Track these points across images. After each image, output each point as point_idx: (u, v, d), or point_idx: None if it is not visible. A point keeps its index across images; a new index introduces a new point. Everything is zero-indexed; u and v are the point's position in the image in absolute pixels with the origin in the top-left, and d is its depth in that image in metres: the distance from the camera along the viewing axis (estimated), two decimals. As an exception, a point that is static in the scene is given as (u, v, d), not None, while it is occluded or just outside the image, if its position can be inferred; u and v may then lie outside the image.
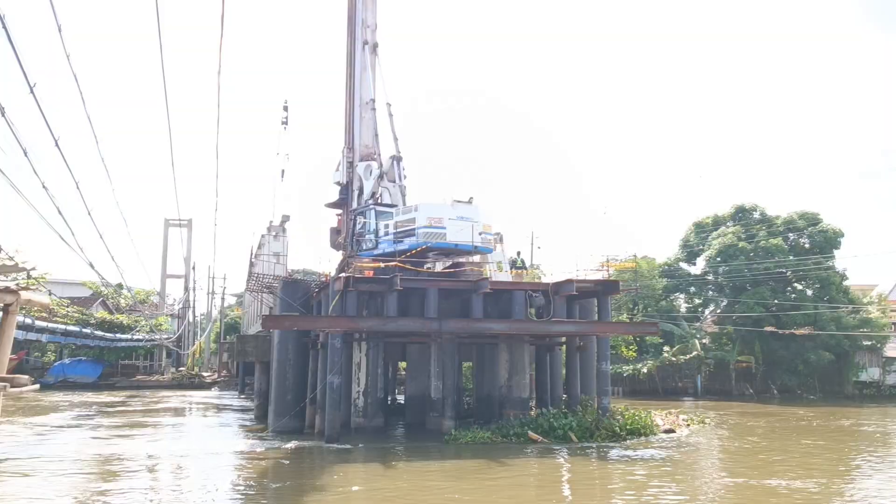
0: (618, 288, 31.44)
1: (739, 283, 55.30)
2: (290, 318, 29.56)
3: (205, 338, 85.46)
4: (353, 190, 33.75)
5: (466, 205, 30.16)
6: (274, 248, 40.37)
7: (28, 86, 9.74)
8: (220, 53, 14.59)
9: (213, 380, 68.61)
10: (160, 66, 14.73)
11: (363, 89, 34.54)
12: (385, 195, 32.25)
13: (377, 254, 29.94)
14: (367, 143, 34.13)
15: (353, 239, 31.68)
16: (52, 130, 11.19)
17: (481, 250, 30.41)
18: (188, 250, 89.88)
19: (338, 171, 34.70)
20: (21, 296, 9.02)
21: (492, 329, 28.44)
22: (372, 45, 34.87)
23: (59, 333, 52.70)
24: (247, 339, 40.47)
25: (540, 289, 30.48)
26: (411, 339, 30.11)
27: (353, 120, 34.61)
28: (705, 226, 61.30)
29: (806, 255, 54.64)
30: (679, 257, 62.60)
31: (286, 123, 39.25)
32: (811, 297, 54.39)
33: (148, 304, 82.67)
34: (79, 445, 25.88)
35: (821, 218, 56.19)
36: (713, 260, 57.17)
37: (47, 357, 69.46)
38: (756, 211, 59.59)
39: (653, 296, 61.27)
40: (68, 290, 69.01)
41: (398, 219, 29.89)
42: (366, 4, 35.11)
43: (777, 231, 55.96)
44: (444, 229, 28.72)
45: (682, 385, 55.25)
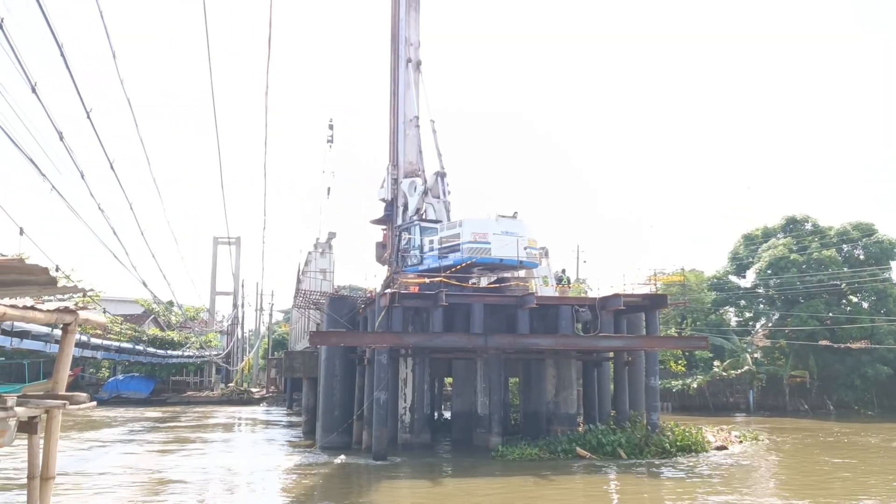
0: (666, 302, 31.01)
1: (791, 296, 54.08)
2: (337, 334, 29.77)
3: (253, 354, 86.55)
4: (397, 206, 33.95)
5: (511, 219, 30.07)
6: (321, 264, 40.77)
7: (84, 111, 10.04)
8: (268, 74, 14.88)
9: (261, 395, 69.34)
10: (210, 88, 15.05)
11: (407, 107, 34.78)
12: (430, 211, 32.36)
13: (422, 269, 30.03)
14: (411, 160, 34.33)
15: (398, 255, 31.84)
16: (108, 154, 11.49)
17: (527, 265, 30.29)
18: (236, 267, 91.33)
19: (383, 187, 34.96)
20: (79, 315, 9.24)
21: (538, 344, 28.26)
22: (415, 62, 35.13)
23: (113, 350, 53.85)
24: (294, 356, 40.85)
25: (586, 303, 30.20)
26: (457, 355, 30.08)
27: (397, 137, 34.87)
28: (755, 238, 60.16)
29: (861, 267, 53.21)
30: (728, 270, 61.48)
31: (332, 141, 39.68)
32: (867, 310, 52.91)
33: (198, 320, 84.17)
34: (131, 460, 26.37)
35: (875, 229, 54.71)
36: (763, 272, 55.98)
37: (102, 373, 71.08)
38: (808, 222, 58.31)
39: (701, 309, 60.26)
40: (121, 308, 70.62)
41: (443, 234, 29.96)
42: (409, 23, 35.42)
43: (830, 242, 54.63)
44: (488, 244, 28.69)
45: (733, 401, 54.08)
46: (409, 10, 35.56)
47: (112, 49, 11.75)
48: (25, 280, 7.39)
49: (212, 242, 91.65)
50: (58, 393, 9.17)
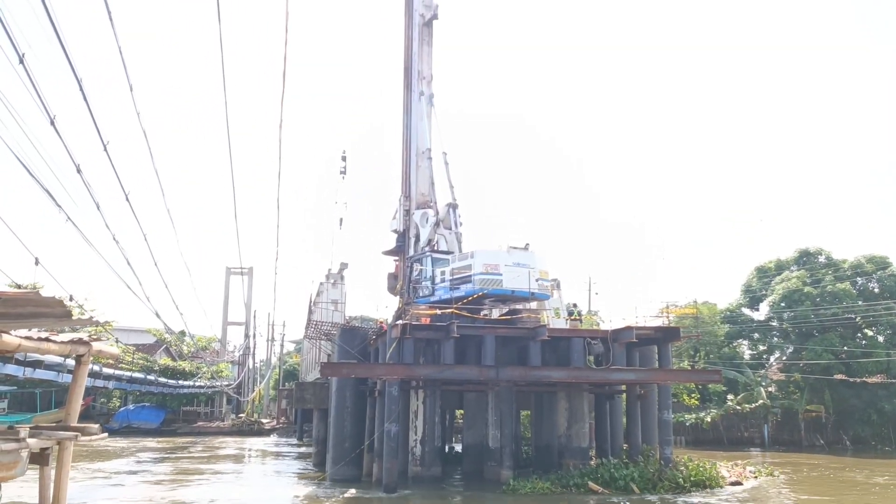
0: (678, 335, 30.84)
1: (806, 329, 53.62)
2: (348, 365, 29.72)
3: (264, 385, 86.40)
4: (409, 237, 34.08)
5: (523, 251, 30.11)
6: (332, 295, 40.84)
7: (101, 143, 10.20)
8: (282, 108, 15.07)
9: (272, 426, 69.10)
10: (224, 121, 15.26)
11: (419, 139, 35.07)
12: (441, 242, 32.45)
13: (434, 301, 30.04)
14: (423, 192, 34.53)
15: (409, 286, 31.88)
16: (123, 185, 11.64)
17: (538, 297, 30.25)
18: (248, 298, 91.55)
19: (395, 218, 35.14)
20: (93, 347, 9.31)
21: (550, 377, 28.10)
22: (428, 95, 35.47)
23: (125, 380, 53.88)
24: (305, 387, 40.79)
25: (599, 336, 30.07)
26: (468, 387, 29.94)
27: (409, 169, 35.12)
28: (768, 270, 59.83)
29: (876, 300, 52.75)
30: (741, 302, 61.08)
31: (344, 173, 39.98)
32: (883, 344, 52.32)
33: (209, 350, 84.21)
34: (139, 491, 26.28)
35: (890, 262, 54.31)
36: (777, 305, 55.58)
37: (113, 403, 71.05)
38: (821, 255, 57.98)
39: (715, 342, 59.81)
40: (133, 338, 70.83)
41: (454, 266, 30.01)
42: (421, 57, 35.84)
43: (844, 276, 54.24)
44: (500, 276, 28.70)
45: (747, 435, 53.42)
46: (423, 45, 36.01)
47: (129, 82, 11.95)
48: (41, 312, 7.46)
49: (224, 272, 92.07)
50: (70, 425, 9.20)
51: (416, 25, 36.23)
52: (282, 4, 22.89)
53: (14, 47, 9.51)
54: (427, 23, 36.37)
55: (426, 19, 36.32)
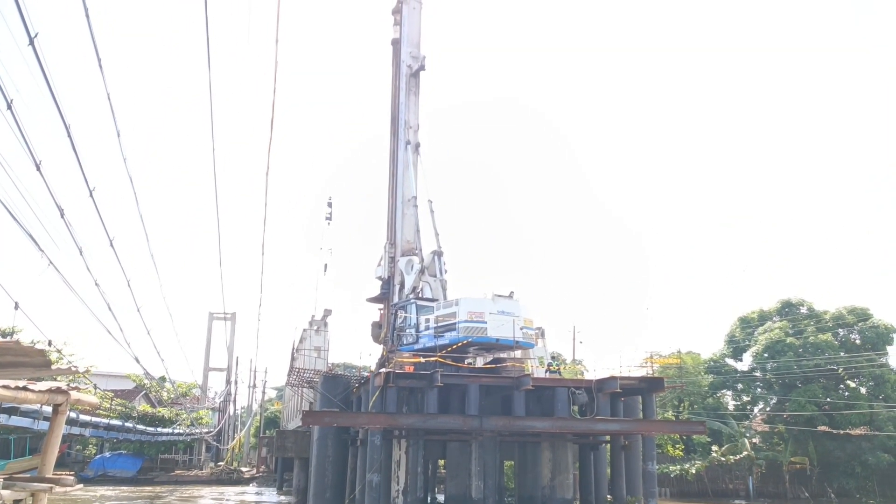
0: (662, 385, 30.80)
1: (789, 380, 53.68)
2: (330, 413, 29.39)
3: (245, 432, 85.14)
4: (394, 284, 34.07)
5: (507, 299, 30.13)
6: (315, 342, 40.62)
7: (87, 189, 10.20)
8: (269, 155, 15.17)
9: (251, 475, 67.84)
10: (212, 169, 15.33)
11: (405, 186, 35.30)
12: (426, 290, 32.44)
13: (418, 348, 29.90)
14: (408, 239, 34.63)
15: (394, 333, 31.74)
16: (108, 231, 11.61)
17: (523, 345, 30.19)
18: (231, 343, 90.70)
19: (380, 266, 35.17)
20: (71, 396, 9.18)
21: (534, 427, 27.89)
22: (414, 144, 35.82)
23: (102, 428, 52.92)
24: (286, 435, 40.25)
25: (583, 386, 29.96)
26: (452, 437, 29.66)
27: (395, 216, 35.27)
28: (751, 321, 60.13)
29: (857, 352, 52.98)
30: (725, 353, 61.20)
31: (330, 219, 40.09)
32: (865, 396, 52.42)
33: (189, 396, 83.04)
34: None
35: (871, 313, 54.74)
36: (760, 356, 55.72)
37: (89, 450, 69.60)
38: (803, 306, 58.39)
39: (699, 392, 59.68)
40: (113, 383, 69.73)
41: (439, 313, 29.95)
42: (408, 107, 36.28)
43: (826, 327, 54.57)
44: (485, 324, 28.66)
45: (732, 487, 52.98)
46: (409, 95, 36.49)
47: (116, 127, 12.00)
48: (21, 361, 7.37)
49: (207, 318, 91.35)
50: (45, 476, 9.02)
51: (403, 76, 36.77)
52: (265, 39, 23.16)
53: (2, 94, 9.55)
54: (414, 74, 36.91)
55: (413, 70, 36.87)
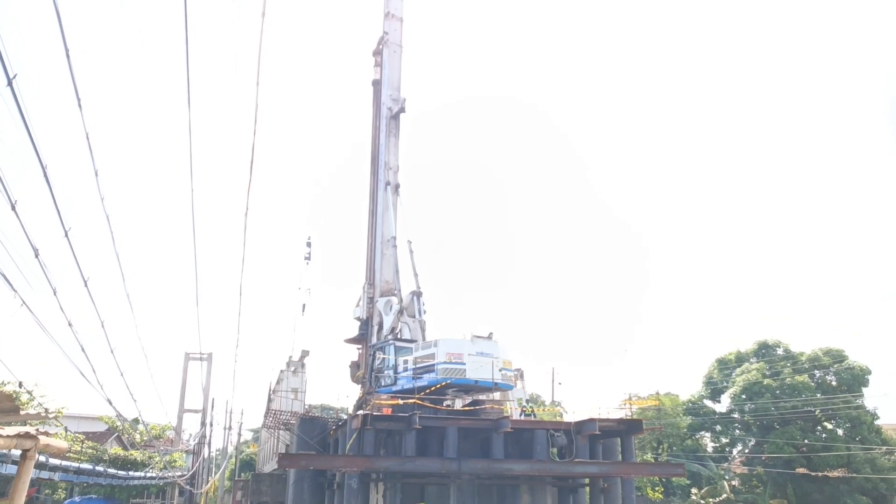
0: (641, 427, 30.71)
1: (767, 421, 53.78)
2: (307, 456, 28.98)
3: (219, 475, 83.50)
4: (372, 325, 33.93)
5: (486, 340, 30.06)
6: (292, 383, 40.17)
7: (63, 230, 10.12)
8: (248, 195, 15.16)
9: (225, 520, 66.41)
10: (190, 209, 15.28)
11: (385, 227, 35.38)
12: (405, 330, 32.32)
13: (396, 390, 29.67)
14: (387, 279, 34.59)
15: (372, 375, 31.50)
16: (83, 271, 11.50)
17: (501, 387, 30.06)
18: (207, 384, 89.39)
19: (358, 306, 35.04)
20: (40, 441, 8.99)
21: (513, 470, 27.64)
22: (394, 185, 36.01)
23: (72, 472, 51.74)
24: (262, 478, 39.59)
25: (562, 428, 29.81)
26: (430, 480, 29.28)
27: (374, 256, 35.28)
28: (728, 362, 60.39)
29: (834, 394, 53.29)
30: (703, 394, 61.31)
31: (309, 259, 39.96)
32: (842, 438, 52.57)
33: (163, 439, 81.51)
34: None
35: (846, 355, 55.18)
36: (738, 397, 55.88)
37: (58, 494, 67.85)
38: (779, 347, 58.78)
39: (678, 434, 59.59)
40: (84, 425, 68.28)
41: (417, 354, 29.81)
42: (388, 148, 36.54)
43: (802, 368, 54.92)
44: (463, 365, 28.54)
45: (712, 530, 52.72)
46: (389, 136, 36.78)
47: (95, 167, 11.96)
48: (-11, 404, 7.21)
49: (183, 358, 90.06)
50: (12, 522, 8.79)
51: (383, 118, 37.09)
52: (252, 94, 23.28)
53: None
54: (394, 116, 37.24)
55: (393, 113, 37.21)
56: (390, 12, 39.35)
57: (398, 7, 39.71)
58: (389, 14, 39.32)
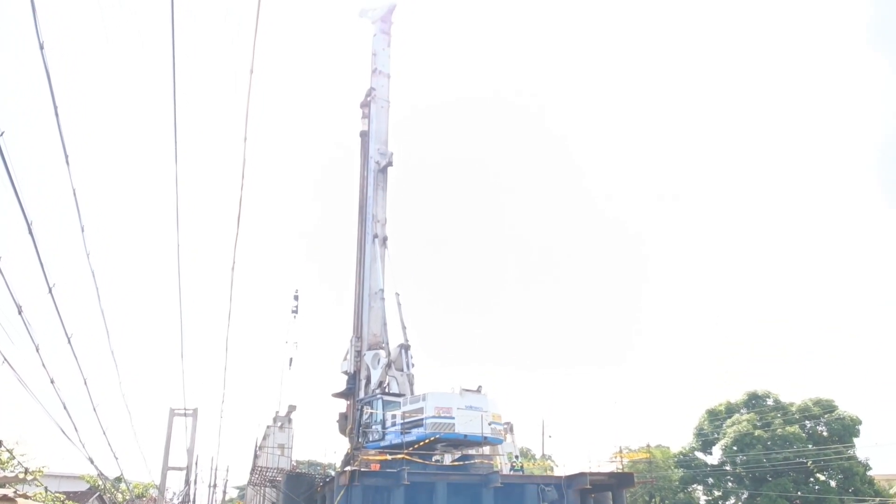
0: (633, 481, 30.35)
1: (759, 473, 53.27)
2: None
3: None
4: (360, 379, 33.60)
5: (475, 393, 29.78)
6: (279, 439, 39.57)
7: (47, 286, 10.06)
8: (235, 249, 15.14)
9: (208, 582, 64.68)
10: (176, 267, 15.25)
11: (373, 280, 35.33)
12: (393, 384, 32.04)
13: (384, 445, 29.25)
14: (375, 332, 34.40)
15: (359, 430, 31.09)
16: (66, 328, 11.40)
17: (491, 441, 29.70)
18: (192, 441, 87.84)
19: (345, 360, 34.75)
20: (18, 502, 8.78)
21: (503, 526, 27.16)
22: (381, 238, 36.08)
23: (52, 532, 50.42)
24: (246, 537, 38.66)
25: (552, 482, 29.41)
26: (419, 537, 28.70)
27: (361, 309, 35.14)
28: (718, 413, 60.07)
29: (825, 444, 52.96)
30: (694, 446, 60.77)
31: (296, 312, 39.73)
32: (835, 489, 52.08)
33: (146, 497, 79.76)
34: None
35: (836, 405, 55.03)
36: (729, 449, 55.43)
37: (37, 557, 66.02)
38: (769, 398, 58.59)
39: (669, 487, 58.88)
40: (66, 485, 66.66)
41: (406, 409, 29.48)
42: (376, 201, 36.73)
43: (793, 419, 54.67)
44: (452, 419, 28.21)
45: (707, 586, 51.77)
46: (377, 190, 37.00)
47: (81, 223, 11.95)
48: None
49: (167, 414, 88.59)
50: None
51: (371, 171, 37.35)
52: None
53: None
54: (382, 169, 37.52)
55: (381, 166, 37.50)
56: (378, 69, 40.00)
57: (385, 64, 40.39)
58: (377, 70, 39.96)
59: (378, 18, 41.15)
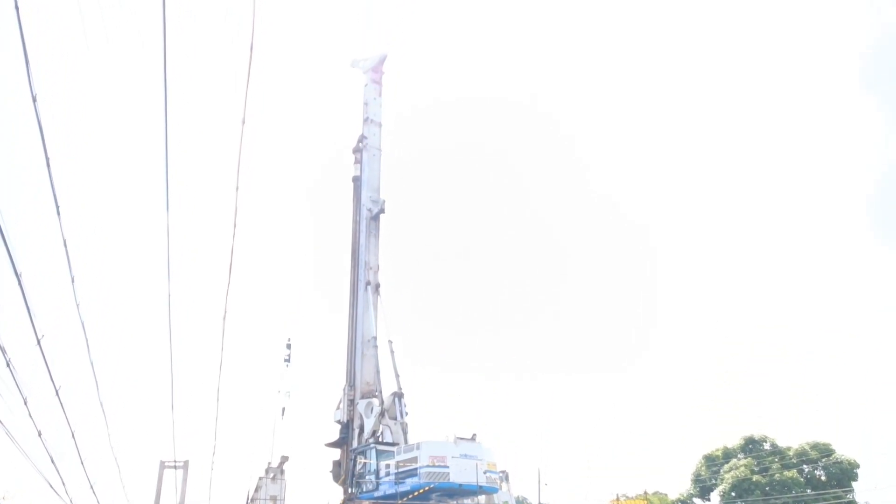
0: (631, 529, 29.91)
1: (758, 519, 52.63)
2: (285, 569, 27.79)
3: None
4: (353, 428, 33.18)
5: (470, 442, 29.44)
6: (271, 490, 38.83)
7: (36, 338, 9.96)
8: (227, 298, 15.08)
9: None
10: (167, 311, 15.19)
11: (365, 327, 35.12)
12: (386, 433, 31.63)
13: (378, 496, 28.81)
14: (368, 380, 34.09)
15: (353, 480, 30.63)
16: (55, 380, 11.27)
17: (487, 490, 29.29)
18: (182, 494, 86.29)
19: (338, 409, 34.35)
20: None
21: (500, 578, 26.63)
22: (374, 285, 35.98)
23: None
24: None
25: (549, 531, 28.97)
26: (414, 591, 28.12)
27: (354, 356, 34.86)
28: (715, 458, 59.54)
29: (823, 489, 52.43)
30: (692, 492, 60.12)
31: (289, 361, 39.35)
32: (836, 535, 51.44)
33: (134, 554, 77.95)
34: None
35: (833, 448, 54.68)
36: (728, 495, 54.83)
37: None
38: (766, 442, 58.19)
39: (669, 536, 58.05)
40: (52, 541, 65.37)
41: (399, 458, 29.09)
42: (368, 248, 36.72)
43: (790, 463, 54.19)
44: (447, 468, 27.84)
45: None
46: (370, 237, 37.03)
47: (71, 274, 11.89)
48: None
49: (158, 466, 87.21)
50: None
51: (363, 218, 37.38)
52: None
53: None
54: (374, 217, 37.57)
55: (373, 214, 37.57)
56: (369, 118, 40.26)
57: (377, 113, 40.69)
58: (369, 119, 40.21)
59: (369, 69, 41.58)
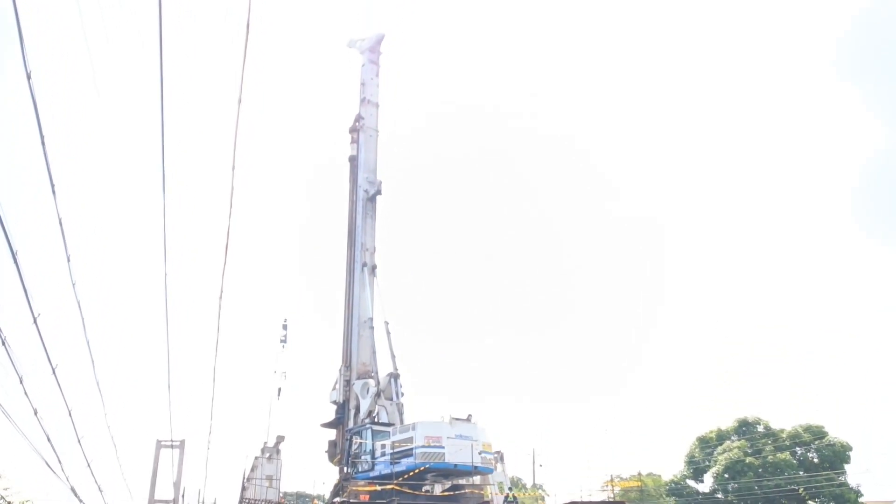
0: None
1: (751, 501, 53.02)
2: (281, 547, 28.00)
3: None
4: (349, 409, 33.34)
5: (465, 422, 29.59)
6: (267, 470, 39.02)
7: (32, 316, 9.97)
8: (223, 279, 15.09)
9: None
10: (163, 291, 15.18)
11: (362, 308, 35.17)
12: (382, 413, 31.77)
13: (373, 476, 28.96)
14: (364, 361, 34.20)
15: (348, 460, 30.79)
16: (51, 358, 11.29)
17: (482, 470, 29.46)
18: (179, 473, 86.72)
19: (334, 389, 34.47)
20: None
21: (494, 557, 26.87)
22: (371, 266, 35.98)
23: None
24: (234, 572, 37.99)
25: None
26: (409, 569, 28.34)
27: (351, 337, 34.94)
28: (709, 440, 59.90)
29: (816, 471, 52.87)
30: (685, 474, 60.49)
31: (285, 342, 39.42)
32: (828, 516, 51.92)
33: (131, 531, 78.48)
34: None
35: (826, 431, 55.06)
36: (721, 477, 55.26)
37: None
38: (760, 424, 58.56)
39: (661, 516, 58.50)
40: (49, 519, 65.70)
41: (395, 438, 29.23)
42: (365, 229, 36.68)
43: (783, 445, 54.61)
44: (442, 449, 27.99)
45: None
46: (366, 218, 36.97)
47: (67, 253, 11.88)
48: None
49: (154, 446, 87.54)
50: None
51: (360, 199, 37.32)
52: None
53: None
54: (371, 198, 37.48)
55: (370, 195, 37.48)
56: (366, 98, 40.06)
57: (374, 94, 40.47)
58: (366, 100, 40.01)
59: (366, 49, 41.32)
